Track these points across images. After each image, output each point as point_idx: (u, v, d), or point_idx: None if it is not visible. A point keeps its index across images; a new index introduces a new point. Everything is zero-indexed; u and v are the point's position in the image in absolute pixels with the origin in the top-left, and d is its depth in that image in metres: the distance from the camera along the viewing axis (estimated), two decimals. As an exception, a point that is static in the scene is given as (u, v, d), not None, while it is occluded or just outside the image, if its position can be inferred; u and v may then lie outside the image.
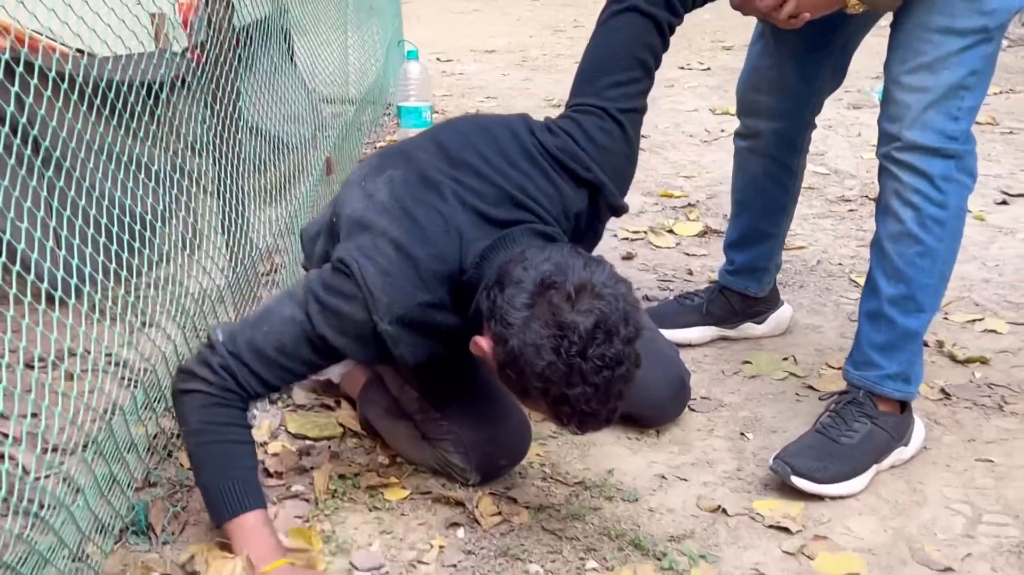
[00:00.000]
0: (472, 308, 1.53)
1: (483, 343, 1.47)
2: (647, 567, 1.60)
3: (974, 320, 2.42)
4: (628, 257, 2.85)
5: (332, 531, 1.70)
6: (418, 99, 3.53)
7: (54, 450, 1.58)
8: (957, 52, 1.69)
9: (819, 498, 1.77)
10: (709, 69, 5.08)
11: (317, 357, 1.58)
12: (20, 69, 1.30)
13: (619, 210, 1.73)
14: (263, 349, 1.56)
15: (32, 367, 1.91)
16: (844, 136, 3.88)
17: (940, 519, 1.73)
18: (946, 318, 2.44)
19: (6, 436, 1.75)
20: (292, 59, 3.49)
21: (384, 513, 1.74)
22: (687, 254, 2.87)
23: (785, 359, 2.26)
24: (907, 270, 1.79)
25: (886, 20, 1.86)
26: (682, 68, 5.15)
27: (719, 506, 1.76)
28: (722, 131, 3.95)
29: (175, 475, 1.79)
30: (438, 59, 5.61)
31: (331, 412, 2.06)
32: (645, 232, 3.01)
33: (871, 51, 5.30)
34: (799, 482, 1.76)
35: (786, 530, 1.70)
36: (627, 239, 2.98)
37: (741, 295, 2.33)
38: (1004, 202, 3.16)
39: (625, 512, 1.74)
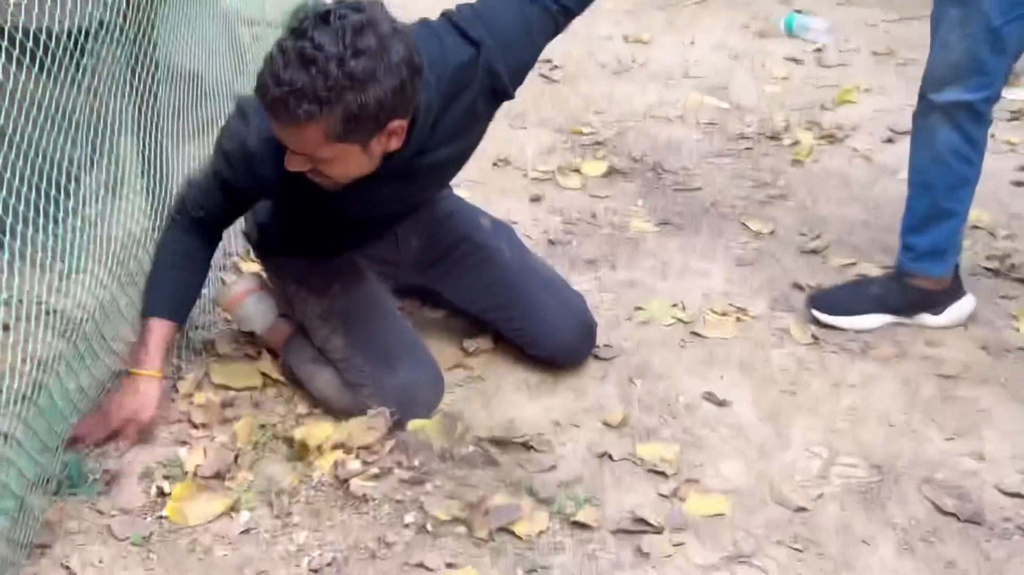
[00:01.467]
0: None
1: None
2: (541, 513, 1.80)
3: (850, 264, 2.63)
4: (536, 199, 3.00)
5: (253, 479, 1.87)
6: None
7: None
8: None
9: (696, 441, 1.99)
10: None
11: (223, 194, 1.90)
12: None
13: (499, 82, 1.87)
14: (201, 185, 1.93)
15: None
16: (748, 68, 4.03)
17: (800, 461, 1.96)
18: (824, 262, 2.65)
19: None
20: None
21: (299, 462, 1.91)
22: (592, 195, 3.03)
23: (674, 305, 2.45)
24: None
25: None
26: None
27: (605, 452, 1.96)
28: (633, 61, 4.07)
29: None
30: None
31: (253, 362, 2.21)
32: (553, 172, 3.15)
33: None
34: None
35: (663, 474, 1.91)
36: (537, 179, 3.12)
37: (922, 281, 2.33)
38: (890, 140, 3.35)
39: (522, 459, 1.93)
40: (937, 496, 1.85)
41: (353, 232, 2.07)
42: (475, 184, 3.00)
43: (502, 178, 3.13)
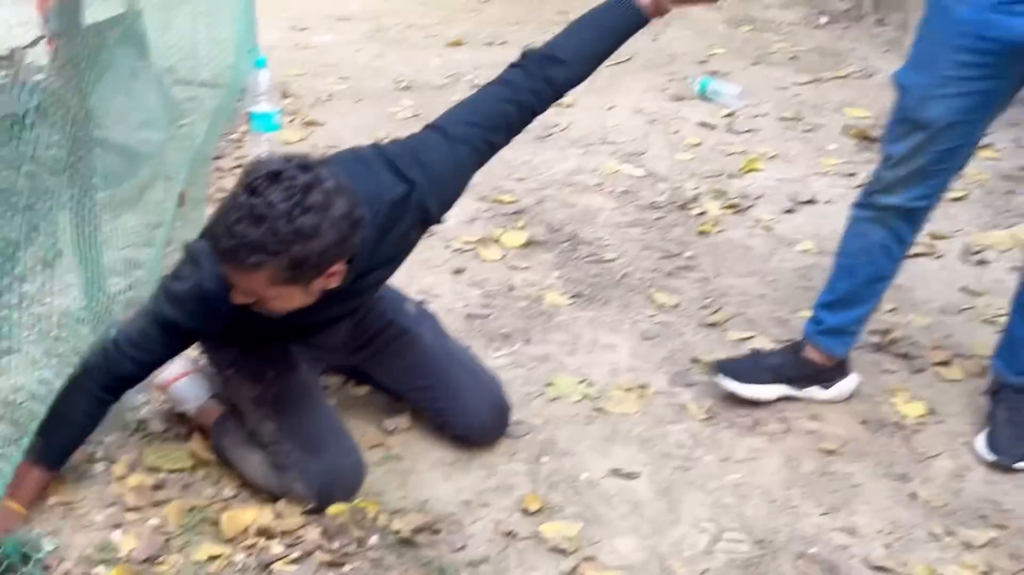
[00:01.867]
0: None
1: None
2: (448, 592, 1.97)
3: (746, 338, 2.83)
4: (458, 272, 3.17)
5: (183, 563, 2.02)
6: (268, 104, 3.75)
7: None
8: None
9: (596, 518, 2.16)
10: (551, 49, 5.36)
11: (166, 338, 2.02)
12: None
13: (429, 216, 2.08)
14: (130, 335, 2.03)
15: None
16: (664, 133, 4.24)
17: (689, 537, 2.14)
18: (723, 335, 2.85)
19: None
20: (146, 58, 3.66)
21: (225, 546, 2.06)
22: (511, 267, 3.21)
23: (582, 381, 2.63)
24: None
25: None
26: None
27: (512, 531, 2.13)
28: (555, 126, 4.27)
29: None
30: (293, 27, 5.76)
31: (184, 442, 2.36)
32: (475, 243, 3.33)
33: (700, 30, 5.67)
34: None
35: (563, 552, 2.08)
36: (459, 250, 3.30)
37: (818, 355, 2.50)
38: (791, 210, 3.57)
39: (434, 540, 2.10)
40: (810, 571, 2.05)
41: (291, 334, 2.22)
42: (400, 256, 3.17)
43: (426, 250, 3.28)
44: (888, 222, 2.35)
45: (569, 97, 2.60)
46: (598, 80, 2.31)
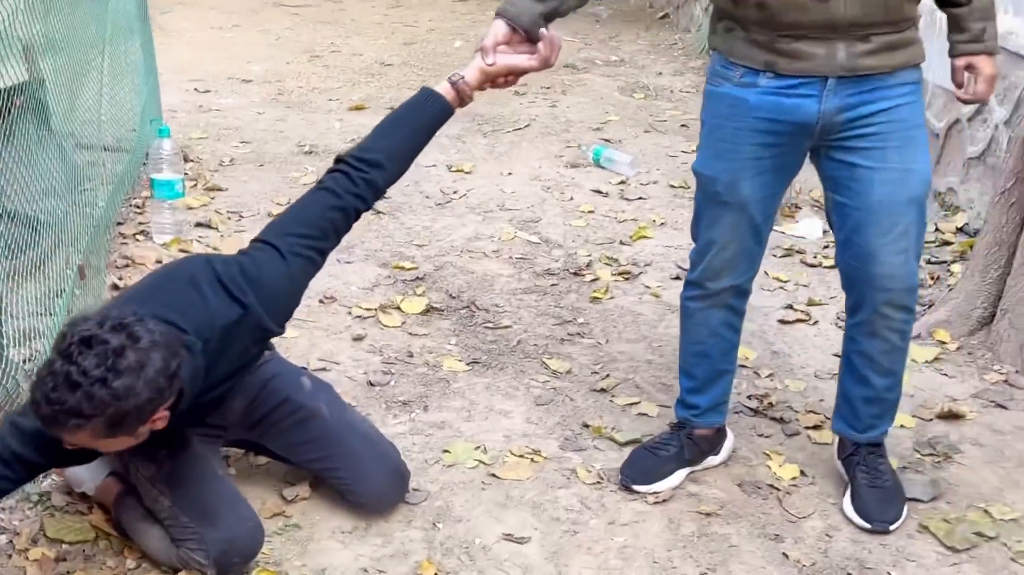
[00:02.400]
0: None
1: None
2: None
3: (633, 403, 2.97)
4: (358, 338, 3.27)
5: (86, 637, 2.07)
6: (171, 171, 3.81)
7: None
8: None
9: (487, 584, 2.27)
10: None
11: (21, 467, 2.01)
12: None
13: (268, 332, 2.17)
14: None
15: None
16: (559, 200, 4.41)
17: (575, 599, 2.26)
18: (611, 401, 2.99)
19: None
20: (49, 126, 3.70)
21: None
22: (410, 333, 3.32)
23: (477, 447, 2.75)
24: None
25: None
26: (427, 112, 5.56)
27: (407, 597, 2.23)
28: (455, 192, 4.41)
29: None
30: (196, 89, 5.82)
31: (85, 516, 2.41)
32: (376, 310, 3.43)
33: (594, 97, 5.88)
34: None
35: (456, 616, 2.18)
36: (360, 317, 3.40)
37: (706, 431, 2.65)
38: (678, 277, 3.75)
39: (332, 607, 2.18)
40: (688, 628, 2.18)
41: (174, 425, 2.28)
42: (301, 323, 3.26)
43: (327, 316, 3.39)
44: (725, 302, 2.52)
45: (468, 164, 2.78)
46: (497, 147, 2.48)
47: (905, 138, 2.27)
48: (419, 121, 2.31)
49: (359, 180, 2.23)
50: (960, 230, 4.07)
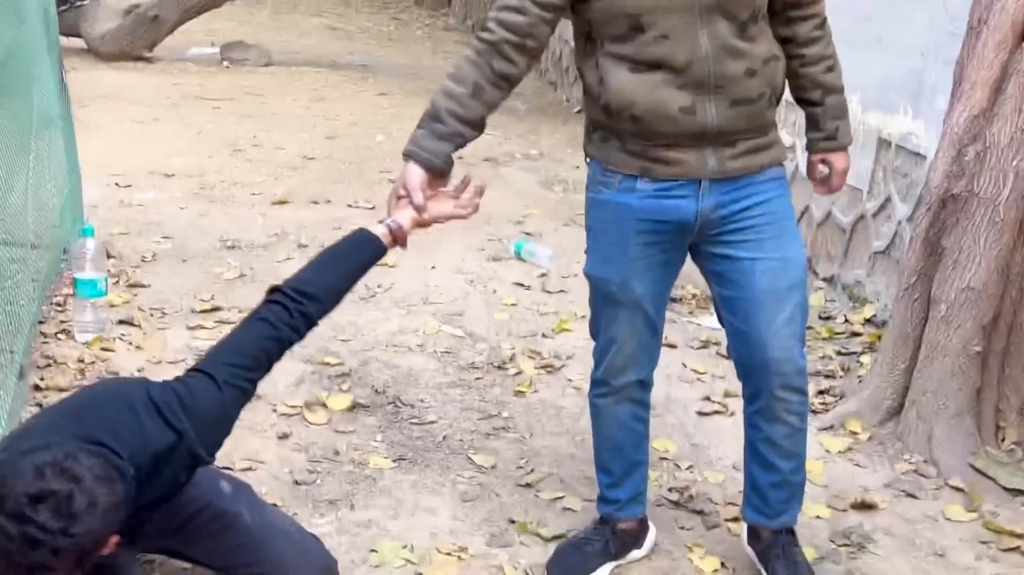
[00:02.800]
0: None
1: None
2: None
3: (558, 498, 3.02)
4: (283, 437, 3.27)
5: None
6: (94, 270, 3.81)
7: None
8: None
9: None
10: (374, 208, 5.60)
11: None
12: None
13: (199, 460, 2.19)
14: None
15: None
16: (482, 293, 4.49)
17: None
18: (537, 495, 3.03)
19: None
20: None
21: None
22: (336, 431, 3.34)
23: (404, 546, 2.76)
24: None
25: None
26: (350, 206, 5.64)
27: None
28: (379, 286, 4.46)
29: None
30: (117, 184, 5.81)
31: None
32: (301, 407, 3.44)
33: (516, 190, 6.00)
34: None
35: None
36: (285, 415, 3.40)
37: (628, 524, 2.71)
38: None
39: None
40: None
41: None
42: (226, 423, 3.26)
43: (252, 415, 3.38)
44: (630, 396, 2.62)
45: (392, 258, 2.84)
46: (420, 240, 2.54)
47: (779, 228, 2.42)
48: (356, 260, 2.40)
49: (295, 312, 2.29)
50: (868, 321, 4.23)
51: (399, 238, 2.39)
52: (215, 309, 4.16)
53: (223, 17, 9.82)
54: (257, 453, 3.16)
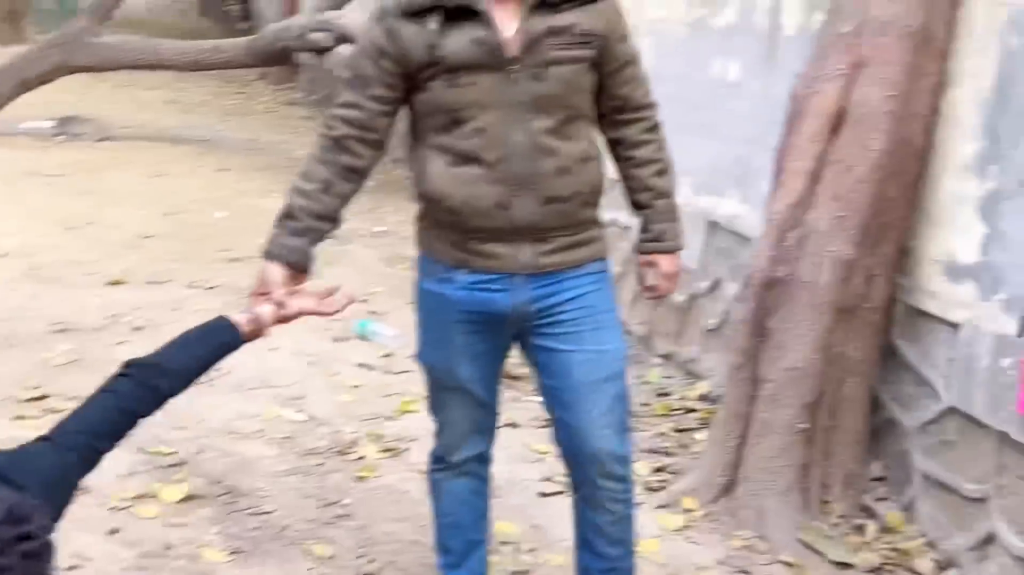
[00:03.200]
0: None
1: None
2: None
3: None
4: (113, 531, 3.15)
5: None
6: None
7: None
8: None
9: None
10: (214, 288, 5.49)
11: None
12: None
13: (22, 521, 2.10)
14: None
15: None
16: (324, 375, 4.45)
17: None
18: (378, 586, 3.00)
19: None
20: None
21: None
22: (169, 524, 3.23)
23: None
24: None
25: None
26: (189, 287, 5.52)
27: None
28: (216, 370, 4.34)
29: None
30: (-61, 265, 5.57)
31: None
32: (132, 500, 3.33)
33: (359, 268, 5.97)
34: None
35: None
36: (115, 508, 3.28)
37: None
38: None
39: None
40: None
41: None
42: (51, 519, 3.11)
43: (81, 509, 3.21)
44: (468, 471, 2.68)
45: None
46: None
47: (596, 322, 2.49)
48: (213, 344, 2.36)
49: (145, 385, 2.24)
50: (703, 398, 4.36)
51: (257, 331, 2.36)
52: (43, 397, 4.00)
53: (62, 89, 9.53)
54: (84, 550, 3.03)
